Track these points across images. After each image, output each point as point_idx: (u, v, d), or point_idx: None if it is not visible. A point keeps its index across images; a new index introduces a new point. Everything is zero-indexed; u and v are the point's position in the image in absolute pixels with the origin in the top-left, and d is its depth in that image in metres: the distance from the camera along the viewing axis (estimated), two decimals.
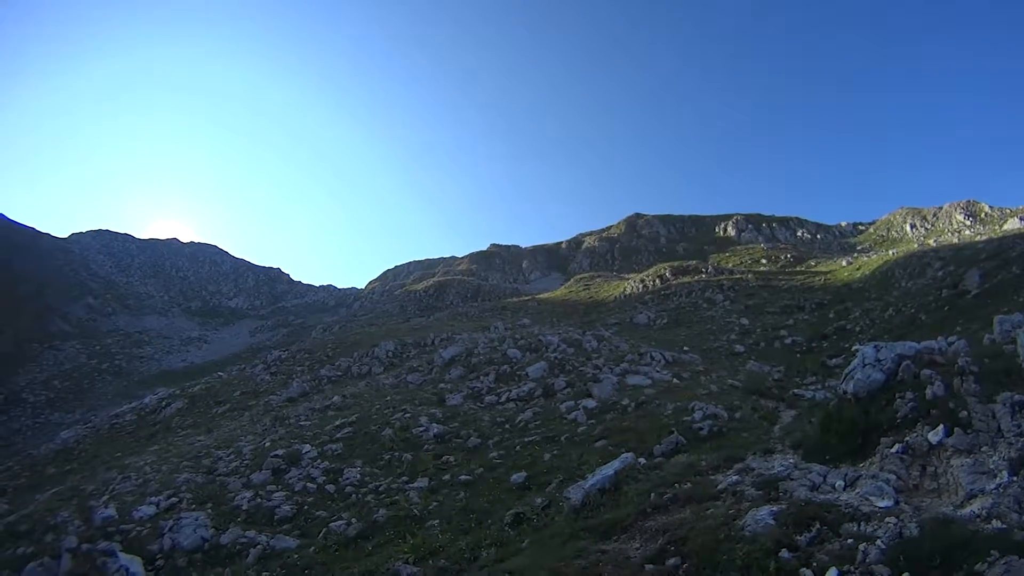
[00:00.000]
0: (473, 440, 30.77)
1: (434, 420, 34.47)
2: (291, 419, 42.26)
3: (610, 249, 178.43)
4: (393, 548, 19.82)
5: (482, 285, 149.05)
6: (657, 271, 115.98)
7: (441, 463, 28.50)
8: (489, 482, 24.98)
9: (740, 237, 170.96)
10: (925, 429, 15.35)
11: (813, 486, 14.47)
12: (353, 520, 23.21)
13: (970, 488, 12.89)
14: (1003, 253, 67.58)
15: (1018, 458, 13.38)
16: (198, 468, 32.84)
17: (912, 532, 10.78)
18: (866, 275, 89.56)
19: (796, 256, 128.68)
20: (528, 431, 30.85)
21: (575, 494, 18.18)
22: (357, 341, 77.49)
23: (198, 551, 22.97)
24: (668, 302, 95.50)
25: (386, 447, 31.51)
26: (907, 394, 16.92)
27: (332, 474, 28.95)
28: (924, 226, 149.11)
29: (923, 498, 13.58)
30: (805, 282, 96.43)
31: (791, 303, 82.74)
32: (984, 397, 15.86)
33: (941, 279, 69.65)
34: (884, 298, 73.37)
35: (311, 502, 26.53)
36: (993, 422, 14.98)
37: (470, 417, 35.30)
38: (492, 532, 18.91)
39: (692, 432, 25.14)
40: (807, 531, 11.63)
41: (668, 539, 12.88)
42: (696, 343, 65.98)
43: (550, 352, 46.56)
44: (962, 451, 14.18)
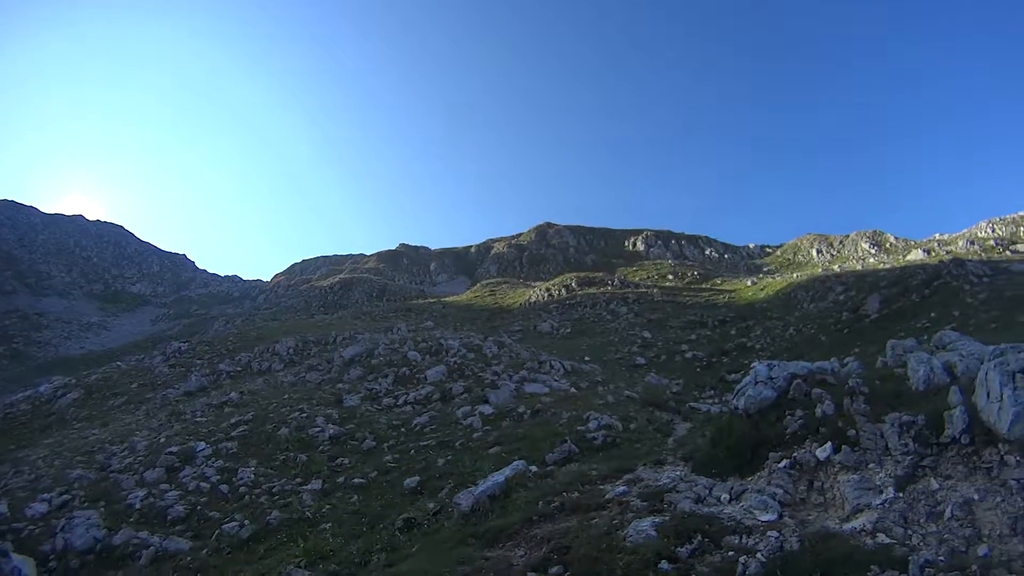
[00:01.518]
0: (368, 443, 30.41)
1: (331, 421, 33.91)
2: (187, 414, 41.40)
3: (519, 256, 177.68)
4: (285, 551, 19.53)
5: (388, 285, 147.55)
6: (563, 280, 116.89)
7: (336, 465, 28.16)
8: (383, 486, 24.81)
9: (648, 252, 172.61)
10: (813, 446, 15.66)
11: (698, 498, 14.56)
12: (246, 522, 22.84)
13: (856, 503, 13.20)
14: (904, 281, 70.17)
15: (904, 475, 13.81)
16: (91, 464, 31.67)
17: (793, 546, 10.92)
18: (770, 295, 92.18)
19: (702, 274, 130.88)
20: (424, 435, 30.54)
21: (465, 500, 18.00)
22: (259, 336, 76.01)
23: (91, 552, 22.06)
24: (572, 312, 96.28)
25: (281, 447, 30.87)
26: (797, 411, 17.30)
27: (226, 473, 28.27)
28: (830, 252, 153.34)
29: (810, 512, 13.81)
30: (710, 299, 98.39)
31: (694, 319, 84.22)
32: (873, 417, 16.26)
33: (842, 303, 72.31)
34: (786, 318, 75.59)
35: (204, 502, 25.78)
36: (881, 441, 15.39)
37: (367, 419, 34.73)
38: (383, 537, 18.70)
39: (586, 441, 25.24)
40: (688, 543, 11.61)
41: (552, 548, 12.83)
42: (598, 354, 66.55)
43: (450, 356, 46.03)
44: (849, 467, 14.55)
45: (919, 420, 15.39)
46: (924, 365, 17.85)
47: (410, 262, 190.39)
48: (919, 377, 17.55)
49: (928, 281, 67.23)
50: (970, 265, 71.53)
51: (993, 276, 68.16)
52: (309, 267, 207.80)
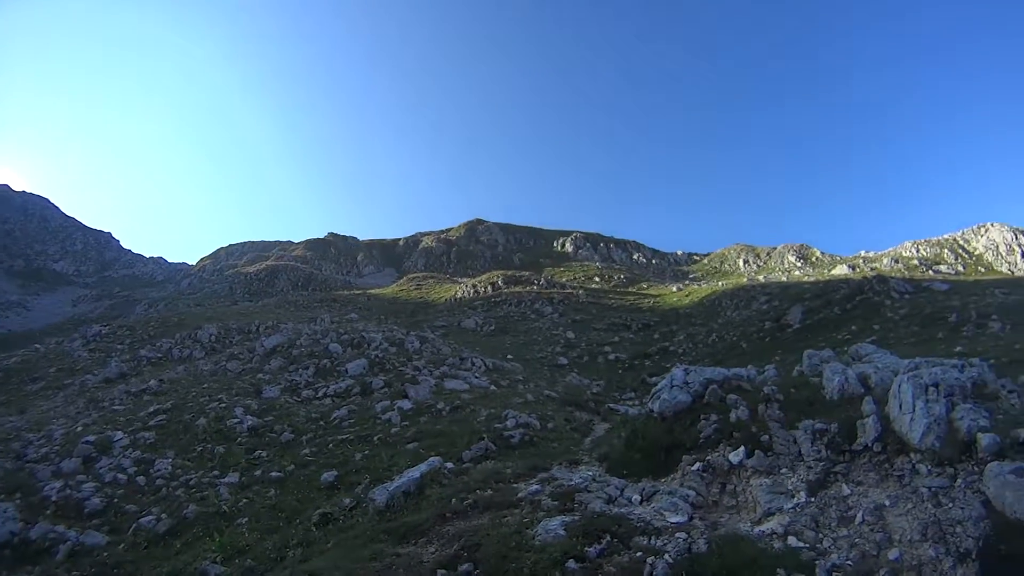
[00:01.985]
0: (287, 435, 29.91)
1: (249, 412, 33.22)
2: (106, 402, 40.01)
3: (447, 251, 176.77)
4: (202, 546, 19.11)
5: (315, 274, 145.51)
6: (490, 278, 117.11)
7: (253, 458, 27.59)
8: (300, 480, 24.53)
9: (577, 254, 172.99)
10: (727, 450, 15.93)
11: (609, 499, 14.57)
12: (163, 516, 22.28)
13: (768, 506, 13.43)
14: (827, 294, 71.68)
15: (816, 481, 14.09)
16: (7, 453, 30.51)
17: (701, 548, 10.96)
18: (695, 302, 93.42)
19: (629, 277, 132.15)
20: (342, 429, 30.20)
21: (380, 496, 17.87)
22: (181, 322, 73.85)
23: (7, 546, 20.98)
24: (498, 309, 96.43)
25: (199, 438, 30.01)
26: (712, 416, 17.57)
27: (143, 464, 27.12)
28: (757, 263, 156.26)
29: (722, 514, 14.00)
30: (635, 303, 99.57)
31: (618, 321, 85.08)
32: (787, 423, 16.67)
33: (766, 312, 73.29)
34: (709, 324, 76.42)
35: (121, 495, 24.84)
36: (794, 447, 15.74)
37: (286, 411, 34.03)
38: (299, 532, 18.43)
39: (503, 439, 25.21)
40: (597, 543, 11.58)
41: (462, 545, 12.74)
42: (520, 352, 66.61)
43: (372, 349, 45.89)
44: (762, 472, 14.79)
45: (832, 428, 15.81)
46: (839, 375, 18.34)
47: (338, 252, 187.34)
48: (834, 386, 18.03)
49: (851, 295, 68.87)
50: (893, 282, 73.11)
51: (915, 294, 69.74)
52: (235, 252, 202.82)
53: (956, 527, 11.84)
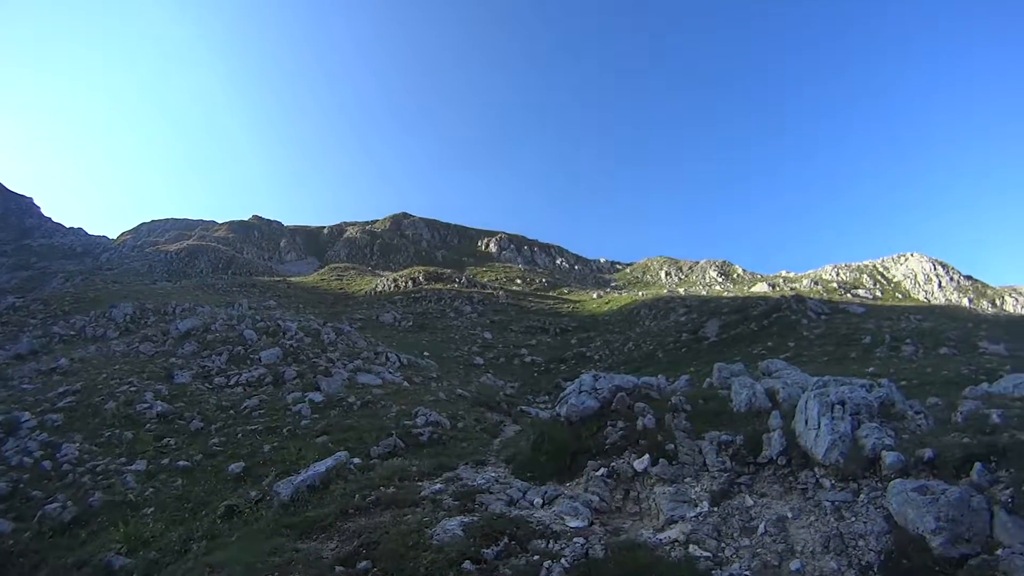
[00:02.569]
0: (196, 423, 29.46)
1: (159, 397, 32.51)
2: (15, 380, 38.60)
3: (371, 243, 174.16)
4: (107, 537, 18.69)
5: (236, 257, 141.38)
6: (412, 273, 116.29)
7: (162, 446, 27.11)
8: (207, 470, 24.16)
9: (500, 255, 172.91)
10: (632, 457, 16.06)
11: (511, 501, 14.65)
12: (68, 503, 21.73)
13: (671, 514, 13.49)
14: (745, 310, 73.07)
15: (720, 491, 14.25)
16: None
17: (598, 554, 10.96)
18: (614, 310, 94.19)
19: (551, 282, 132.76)
20: (252, 419, 29.72)
21: (285, 489, 17.50)
22: (96, 298, 71.02)
23: None
24: (417, 305, 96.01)
25: (107, 422, 29.13)
26: (619, 423, 17.69)
27: (49, 448, 26.35)
28: (679, 275, 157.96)
29: (625, 521, 14.03)
30: (554, 307, 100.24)
31: (537, 324, 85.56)
32: (694, 433, 16.89)
33: (683, 324, 74.29)
34: (627, 333, 77.20)
35: (27, 479, 24.02)
36: (699, 456, 15.94)
37: (196, 398, 33.31)
38: (205, 524, 18.03)
39: (412, 437, 25.18)
40: (495, 544, 11.52)
41: (362, 542, 12.64)
42: (437, 350, 66.24)
43: (287, 339, 45.32)
44: (666, 480, 14.91)
45: (738, 440, 16.08)
46: (747, 389, 18.66)
47: (261, 236, 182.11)
48: (741, 400, 18.36)
49: (768, 312, 70.33)
50: (810, 302, 74.78)
51: (831, 315, 71.36)
52: (158, 228, 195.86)
53: (859, 541, 12.16)
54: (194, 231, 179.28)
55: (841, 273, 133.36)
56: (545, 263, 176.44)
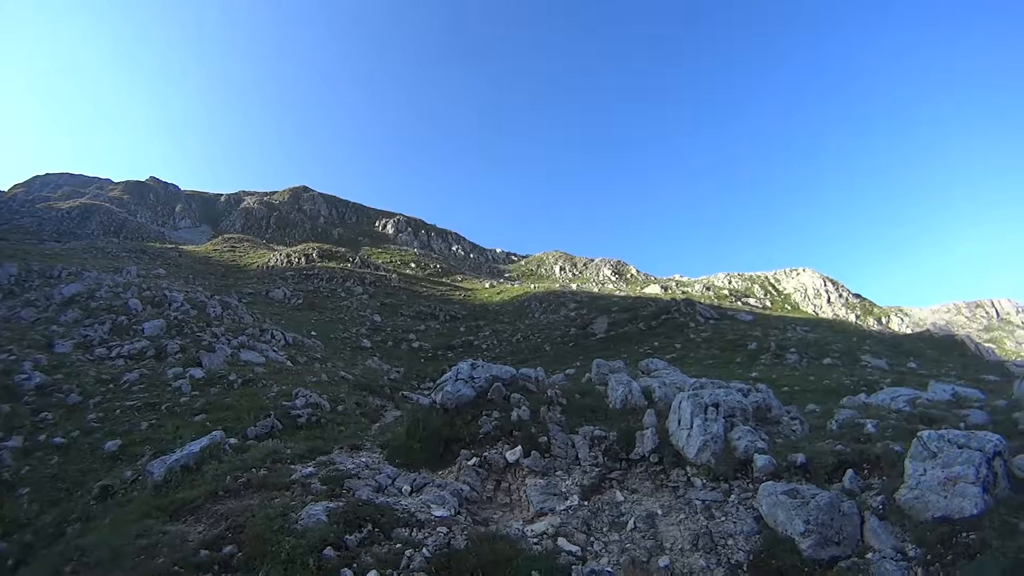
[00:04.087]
0: (74, 397, 27.96)
1: (38, 368, 30.21)
2: None
3: (268, 215, 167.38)
4: None
5: (129, 220, 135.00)
6: (306, 249, 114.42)
7: (39, 420, 25.54)
8: (84, 448, 23.13)
9: (397, 237, 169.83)
10: (505, 448, 16.17)
11: (379, 487, 14.42)
12: None
13: (540, 507, 13.65)
14: (635, 309, 74.22)
15: (591, 485, 14.46)
16: None
17: (459, 544, 10.91)
18: (505, 300, 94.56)
19: (445, 268, 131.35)
20: (131, 394, 28.50)
21: (158, 469, 16.94)
22: None
23: None
24: (308, 283, 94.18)
25: None
26: (494, 413, 17.78)
27: None
28: (573, 271, 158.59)
29: (495, 511, 14.09)
30: (446, 294, 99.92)
31: (427, 310, 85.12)
32: (568, 427, 17.08)
33: (573, 319, 75.03)
34: (516, 324, 77.61)
35: None
36: (572, 450, 16.10)
37: (76, 370, 31.63)
38: (79, 505, 17.51)
39: (290, 418, 24.81)
40: (358, 531, 11.41)
41: (229, 526, 12.41)
42: (325, 330, 65.48)
43: (172, 310, 43.92)
44: (537, 472, 15.05)
45: (611, 436, 16.33)
46: (623, 386, 19.03)
47: (156, 199, 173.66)
48: (617, 396, 18.74)
49: (658, 313, 71.61)
50: (700, 307, 76.44)
51: (719, 320, 73.04)
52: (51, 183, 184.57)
53: (728, 540, 12.53)
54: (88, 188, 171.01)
55: (733, 281, 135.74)
56: (441, 249, 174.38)
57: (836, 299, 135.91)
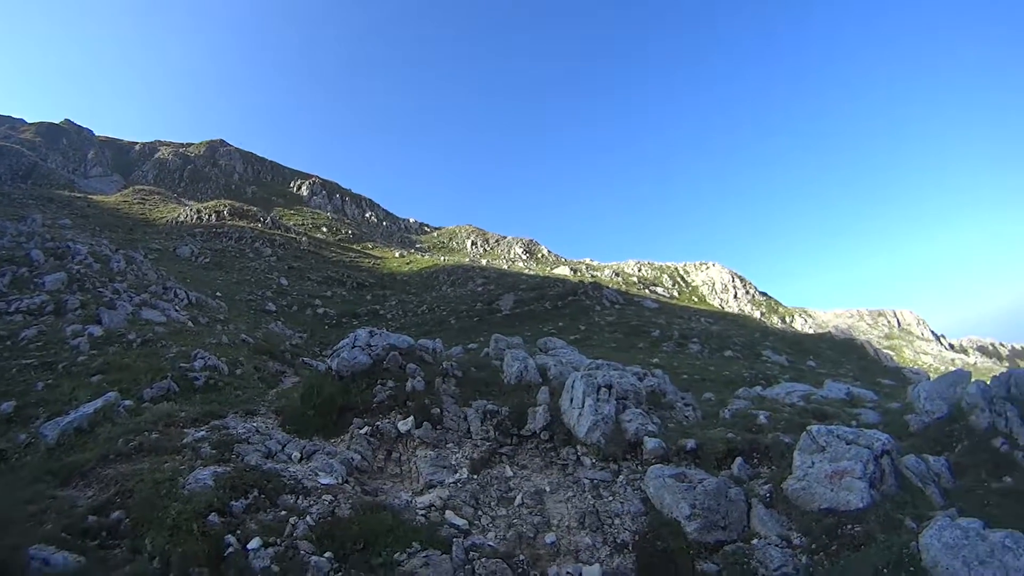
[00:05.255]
0: None
1: None
2: None
3: (183, 168, 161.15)
4: None
5: (39, 165, 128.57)
6: (217, 206, 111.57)
7: None
8: None
9: (311, 200, 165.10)
10: (398, 418, 16.15)
11: (268, 453, 14.36)
12: None
13: (430, 478, 13.70)
14: (543, 289, 74.88)
15: (481, 459, 14.59)
16: None
17: (344, 512, 10.92)
18: (414, 271, 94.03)
19: (356, 234, 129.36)
20: (28, 352, 26.92)
21: (51, 432, 16.54)
22: None
23: None
24: (217, 241, 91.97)
25: None
26: (389, 382, 17.75)
27: None
28: (485, 247, 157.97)
29: (385, 482, 14.05)
30: (355, 261, 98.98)
31: (335, 276, 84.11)
32: (462, 400, 17.19)
33: (480, 294, 75.27)
34: (423, 296, 77.34)
35: None
36: (464, 424, 16.19)
37: None
38: None
39: (188, 380, 24.03)
40: (244, 497, 11.30)
41: (118, 490, 12.18)
42: (230, 291, 63.99)
43: (74, 263, 42.03)
44: (429, 444, 15.08)
45: (504, 411, 16.45)
46: (519, 362, 19.19)
47: (69, 144, 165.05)
48: (512, 372, 18.88)
49: (564, 294, 72.26)
50: (607, 291, 77.46)
51: (625, 306, 74.13)
52: None
53: (615, 519, 12.73)
54: None
55: (643, 269, 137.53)
56: (354, 215, 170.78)
57: (743, 295, 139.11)
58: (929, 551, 9.79)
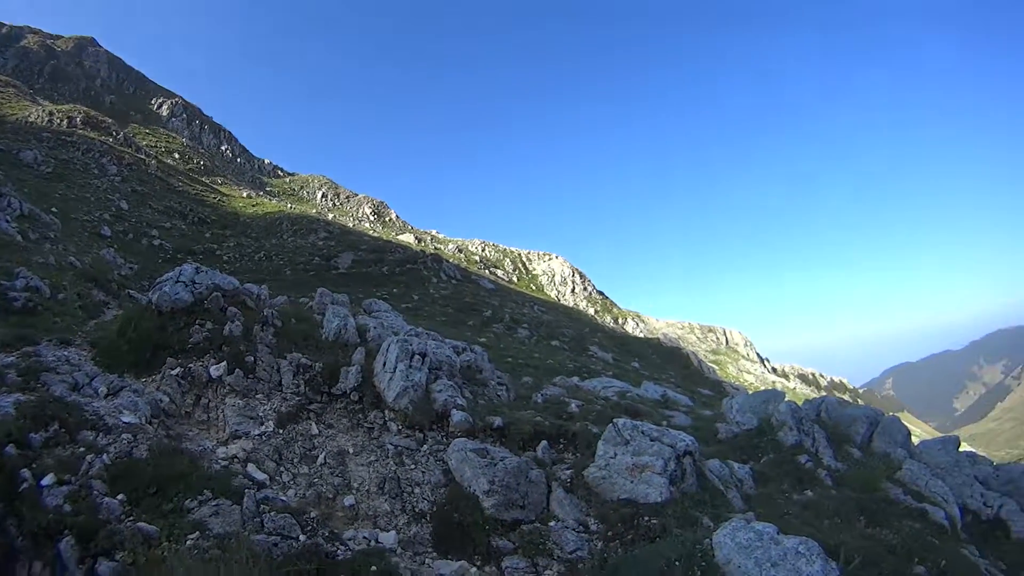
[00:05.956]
0: None
1: None
2: None
3: (45, 61, 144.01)
4: None
5: None
6: (71, 111, 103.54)
7: None
8: None
9: (170, 121, 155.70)
10: (211, 362, 15.77)
11: (75, 385, 13.78)
12: None
13: (236, 429, 13.55)
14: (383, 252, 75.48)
15: (288, 414, 14.47)
16: None
17: (141, 454, 10.73)
18: (258, 215, 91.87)
19: (208, 167, 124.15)
20: None
21: None
22: None
23: None
24: (64, 150, 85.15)
25: None
26: (207, 324, 17.27)
27: None
28: (335, 201, 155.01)
29: (192, 427, 13.80)
30: (201, 194, 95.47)
31: (178, 208, 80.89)
32: (277, 351, 16.97)
33: (320, 248, 74.57)
34: (263, 242, 75.89)
35: None
36: (277, 375, 16.05)
37: None
38: None
39: (6, 300, 22.27)
40: (44, 430, 10.87)
41: None
42: (67, 207, 60.28)
43: None
44: (239, 392, 14.89)
45: (317, 367, 16.43)
46: (340, 319, 19.34)
47: None
48: (332, 328, 18.99)
49: (404, 261, 73.11)
50: (446, 264, 78.13)
51: (462, 282, 74.96)
52: None
53: (415, 488, 12.98)
54: None
55: (487, 250, 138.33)
56: (211, 145, 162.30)
57: (580, 291, 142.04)
58: (722, 549, 10.35)
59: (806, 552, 10.06)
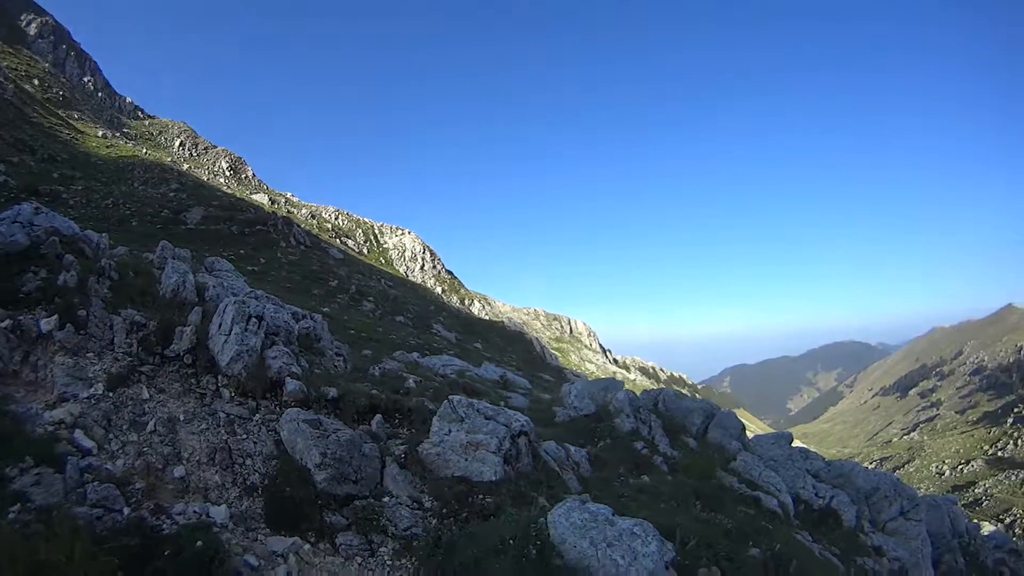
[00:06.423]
0: None
1: None
2: None
3: None
4: None
5: None
6: None
7: None
8: None
9: (36, 43, 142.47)
10: (42, 315, 14.21)
11: None
12: None
13: (64, 391, 12.52)
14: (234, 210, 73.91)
15: (119, 375, 13.50)
16: None
17: None
18: (111, 158, 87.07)
19: (67, 99, 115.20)
20: None
21: None
22: None
23: None
24: None
25: None
26: (42, 272, 15.49)
27: None
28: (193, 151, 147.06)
29: (20, 389, 12.62)
30: (55, 128, 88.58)
31: (28, 142, 74.48)
32: (112, 306, 15.66)
33: (171, 200, 72.18)
34: (112, 188, 72.09)
35: None
36: (109, 333, 14.90)
37: None
38: None
39: None
40: None
41: None
42: None
43: None
44: (69, 350, 13.72)
45: (151, 325, 15.39)
46: (178, 275, 18.26)
47: None
48: (169, 284, 17.91)
49: (254, 222, 71.61)
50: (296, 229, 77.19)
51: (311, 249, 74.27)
52: None
53: (246, 460, 12.60)
54: None
55: (340, 218, 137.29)
56: (73, 74, 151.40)
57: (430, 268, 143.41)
58: (556, 528, 10.57)
59: (641, 533, 10.39)
